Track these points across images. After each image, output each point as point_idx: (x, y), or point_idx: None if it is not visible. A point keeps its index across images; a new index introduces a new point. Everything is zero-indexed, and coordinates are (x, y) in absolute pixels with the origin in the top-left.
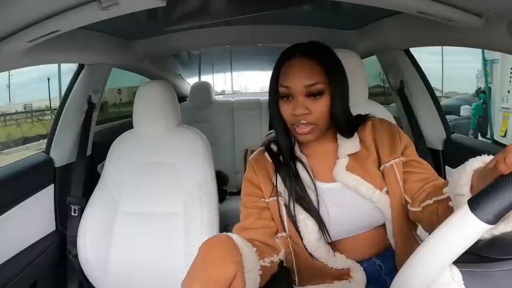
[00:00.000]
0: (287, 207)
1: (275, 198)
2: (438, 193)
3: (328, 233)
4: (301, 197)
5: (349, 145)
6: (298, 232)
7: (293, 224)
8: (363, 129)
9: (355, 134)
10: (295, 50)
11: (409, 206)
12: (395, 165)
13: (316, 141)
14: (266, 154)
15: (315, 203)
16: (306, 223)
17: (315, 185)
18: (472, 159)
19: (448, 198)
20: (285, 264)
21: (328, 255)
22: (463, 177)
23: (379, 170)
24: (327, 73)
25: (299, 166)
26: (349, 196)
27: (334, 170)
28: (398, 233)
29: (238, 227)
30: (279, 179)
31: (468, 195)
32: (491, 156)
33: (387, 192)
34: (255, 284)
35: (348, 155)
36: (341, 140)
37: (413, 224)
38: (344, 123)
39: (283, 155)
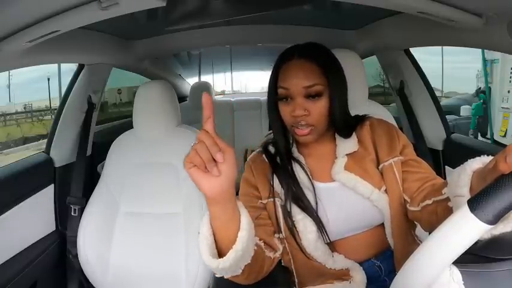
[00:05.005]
0: (284, 208)
1: (272, 199)
2: (437, 193)
3: (326, 233)
4: (298, 197)
5: (348, 145)
6: (296, 232)
7: (289, 225)
8: (361, 129)
9: (353, 134)
10: (293, 51)
11: (408, 205)
12: (394, 164)
13: (314, 141)
14: (264, 155)
15: (313, 203)
16: (305, 223)
17: (313, 185)
18: (472, 160)
19: (447, 199)
20: (283, 264)
21: (326, 255)
22: (462, 179)
23: (378, 169)
24: (325, 74)
25: (296, 166)
26: (348, 195)
27: (332, 170)
28: (397, 233)
29: None
30: (277, 180)
31: (467, 197)
32: (491, 157)
33: (386, 191)
34: (248, 252)
35: (346, 155)
36: (339, 140)
37: (412, 224)
38: (342, 123)
39: (281, 155)
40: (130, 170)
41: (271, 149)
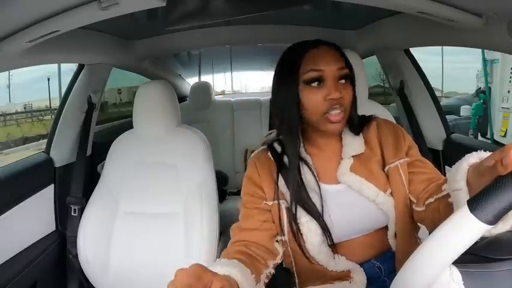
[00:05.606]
0: (289, 210)
1: (277, 201)
2: (438, 191)
3: (331, 236)
4: (304, 200)
5: (354, 146)
6: (300, 235)
7: (293, 228)
8: (368, 129)
9: (360, 134)
10: (316, 41)
11: (414, 206)
12: (400, 165)
13: (321, 139)
14: (269, 153)
15: (319, 206)
16: (309, 226)
17: (319, 188)
18: (468, 154)
19: (448, 195)
20: (284, 266)
21: (328, 258)
22: (459, 172)
23: (384, 171)
24: (347, 65)
25: (304, 168)
26: (353, 198)
27: (338, 171)
28: (400, 235)
29: (236, 227)
30: (281, 180)
31: (465, 190)
32: (488, 153)
33: (391, 193)
34: None
35: (352, 156)
36: (346, 140)
37: (415, 226)
38: (356, 119)
39: (289, 155)
40: (130, 170)
41: (277, 147)
